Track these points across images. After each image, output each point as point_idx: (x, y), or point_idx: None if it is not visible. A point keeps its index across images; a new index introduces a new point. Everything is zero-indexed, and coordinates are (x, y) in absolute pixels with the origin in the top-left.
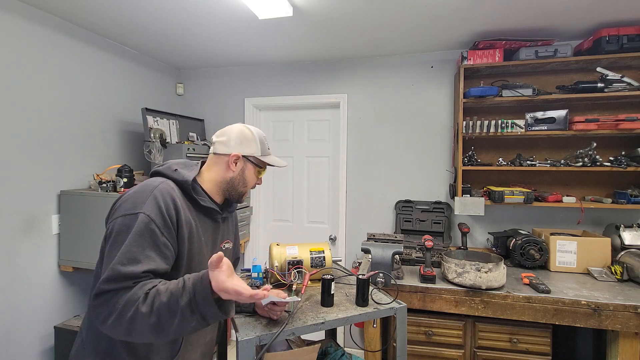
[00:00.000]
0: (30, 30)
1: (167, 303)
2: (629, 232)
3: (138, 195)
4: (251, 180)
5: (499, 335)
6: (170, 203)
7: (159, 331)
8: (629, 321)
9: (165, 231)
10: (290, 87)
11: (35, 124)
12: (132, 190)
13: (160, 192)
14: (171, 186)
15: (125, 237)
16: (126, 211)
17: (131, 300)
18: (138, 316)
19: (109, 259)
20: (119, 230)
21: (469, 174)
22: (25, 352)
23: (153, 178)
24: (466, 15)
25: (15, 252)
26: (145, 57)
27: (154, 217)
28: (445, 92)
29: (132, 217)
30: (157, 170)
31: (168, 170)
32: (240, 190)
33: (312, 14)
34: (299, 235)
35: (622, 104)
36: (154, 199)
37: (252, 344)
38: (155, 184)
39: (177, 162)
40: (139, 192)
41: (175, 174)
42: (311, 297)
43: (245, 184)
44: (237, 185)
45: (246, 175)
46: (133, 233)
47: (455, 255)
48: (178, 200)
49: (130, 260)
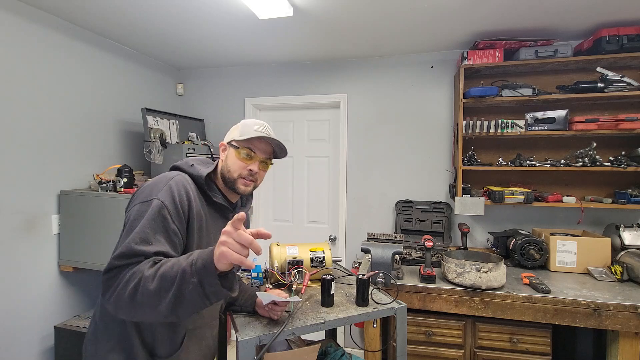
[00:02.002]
0: (31, 30)
1: (171, 267)
2: (629, 232)
3: (154, 185)
4: (234, 164)
5: (499, 335)
6: (184, 194)
7: (158, 300)
8: (629, 321)
9: (176, 219)
10: (290, 87)
11: (36, 124)
12: (150, 181)
13: (175, 183)
14: (186, 179)
15: (140, 221)
16: (143, 199)
17: (138, 270)
18: (141, 282)
19: (123, 240)
20: (135, 216)
21: (469, 174)
22: (25, 352)
23: (170, 171)
24: (466, 15)
25: (16, 252)
26: (145, 57)
27: (167, 204)
28: (445, 92)
29: (147, 204)
30: (175, 164)
31: (185, 165)
32: (227, 177)
33: (312, 14)
34: (299, 235)
35: (622, 104)
36: (168, 188)
37: (252, 344)
38: (171, 176)
39: (195, 159)
40: (156, 182)
41: (191, 169)
42: (311, 297)
43: (229, 169)
44: (225, 172)
45: (229, 160)
46: (147, 217)
47: (455, 255)
48: (191, 192)
49: (143, 240)
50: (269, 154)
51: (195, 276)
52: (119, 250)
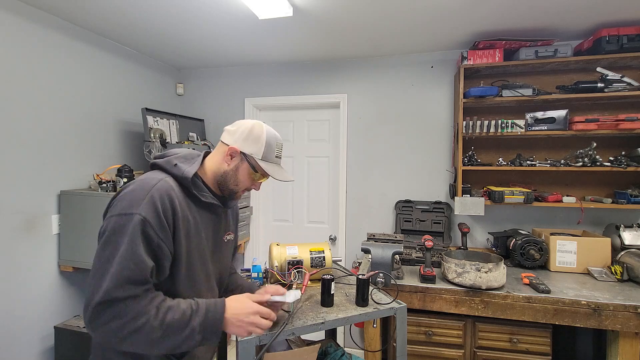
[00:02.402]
0: (31, 30)
1: (179, 320)
2: (629, 232)
3: (135, 194)
4: (244, 181)
5: (499, 335)
6: (168, 203)
7: (156, 345)
8: (629, 321)
9: (160, 232)
10: (290, 87)
11: (36, 124)
12: (129, 187)
13: (158, 192)
14: (170, 184)
15: (120, 238)
16: (122, 210)
17: (142, 313)
18: (146, 329)
19: (104, 259)
20: (113, 229)
21: (469, 174)
22: (25, 352)
23: (152, 174)
24: (466, 15)
25: (16, 252)
26: (145, 57)
27: (150, 218)
28: (445, 92)
29: (128, 217)
30: (157, 163)
31: (168, 165)
32: (231, 188)
33: (312, 14)
34: (299, 235)
35: (622, 104)
36: (150, 199)
37: (252, 344)
38: (153, 183)
39: (177, 156)
40: (136, 190)
41: (174, 170)
42: (311, 297)
43: (237, 183)
44: (229, 181)
45: (239, 174)
46: (130, 234)
47: (455, 255)
48: (176, 199)
49: (134, 264)
50: None
51: (201, 334)
52: (110, 281)
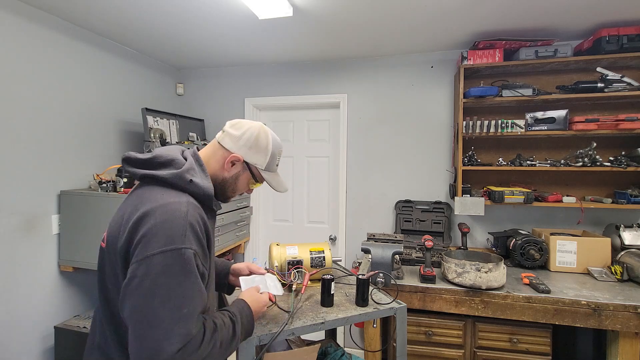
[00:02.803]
0: (31, 30)
1: (228, 333)
2: (629, 232)
3: (174, 226)
4: (241, 189)
5: (499, 335)
6: (203, 228)
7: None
8: (629, 321)
9: (204, 261)
10: (290, 87)
11: (36, 124)
12: (156, 218)
13: (195, 219)
14: (197, 206)
15: (175, 277)
16: (164, 247)
17: (208, 340)
18: (213, 352)
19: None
20: (160, 271)
21: (469, 174)
22: (26, 352)
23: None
24: (466, 15)
25: (16, 252)
26: (146, 57)
27: (198, 251)
28: (445, 92)
29: (177, 253)
30: (167, 180)
31: (181, 182)
32: (228, 194)
33: (312, 14)
34: (299, 235)
35: (622, 104)
36: (192, 230)
37: (252, 344)
38: (184, 209)
39: (186, 169)
40: (171, 220)
41: (192, 187)
42: (311, 297)
43: (235, 190)
44: (227, 189)
45: (239, 181)
46: (187, 271)
47: (455, 255)
48: (206, 219)
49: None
50: None
51: (242, 338)
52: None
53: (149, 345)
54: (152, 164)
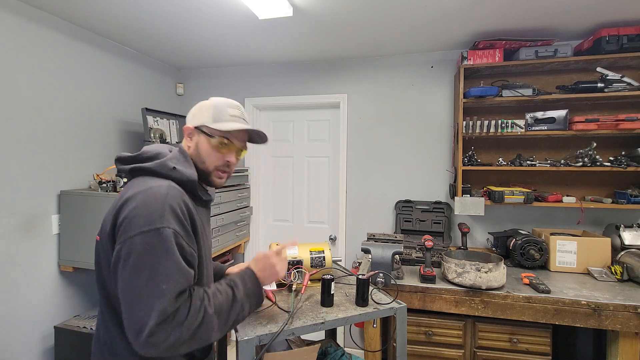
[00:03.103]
0: (31, 30)
1: (226, 300)
2: (629, 232)
3: (152, 207)
4: (209, 156)
5: (499, 335)
6: (185, 211)
7: (219, 330)
8: (629, 321)
9: (189, 241)
10: (290, 87)
11: (36, 124)
12: (136, 201)
13: (174, 200)
14: (179, 190)
15: (154, 257)
16: (145, 227)
17: (196, 310)
18: (205, 321)
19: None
20: (143, 249)
21: (469, 174)
22: (26, 352)
23: (152, 181)
24: (466, 15)
25: (16, 252)
26: (146, 57)
27: (179, 230)
28: (445, 92)
29: (156, 233)
30: (148, 168)
31: (164, 169)
32: (201, 168)
33: (312, 14)
34: (299, 235)
35: (622, 104)
36: (171, 210)
37: (252, 344)
38: (163, 191)
39: (169, 157)
40: (149, 203)
41: (175, 173)
42: (311, 297)
43: (203, 160)
44: (196, 162)
45: (200, 149)
46: (165, 250)
47: (455, 255)
48: (189, 203)
49: (182, 277)
50: (245, 141)
51: (247, 302)
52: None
53: (134, 321)
54: (140, 159)
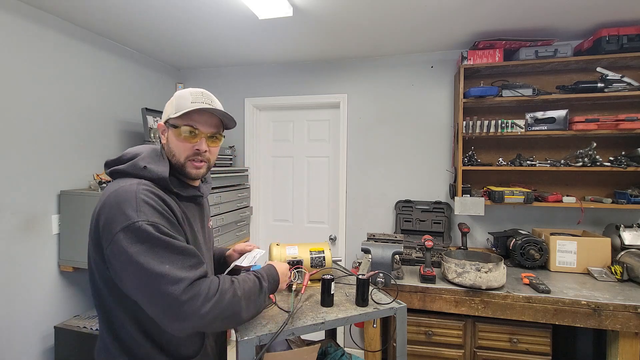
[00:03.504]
0: (31, 30)
1: (253, 287)
2: (629, 232)
3: (121, 206)
4: (177, 147)
5: (499, 335)
6: (160, 201)
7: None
8: (629, 321)
9: (172, 229)
10: (290, 87)
11: (35, 124)
12: (110, 202)
13: (147, 196)
14: (150, 185)
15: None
16: (122, 224)
17: (225, 290)
18: (235, 301)
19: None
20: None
21: (469, 174)
22: (26, 352)
23: (123, 182)
24: (466, 15)
25: (15, 252)
26: (145, 57)
27: (158, 221)
28: (445, 92)
29: (134, 227)
30: (121, 170)
31: (135, 169)
32: (174, 162)
33: (312, 14)
34: (299, 235)
35: (622, 104)
36: (146, 204)
37: (251, 344)
38: (133, 189)
39: (142, 157)
40: (121, 201)
41: (145, 172)
42: (311, 297)
43: (173, 153)
44: (171, 158)
45: (170, 142)
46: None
47: (455, 255)
48: (166, 198)
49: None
50: (216, 127)
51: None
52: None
53: (158, 303)
54: (121, 161)
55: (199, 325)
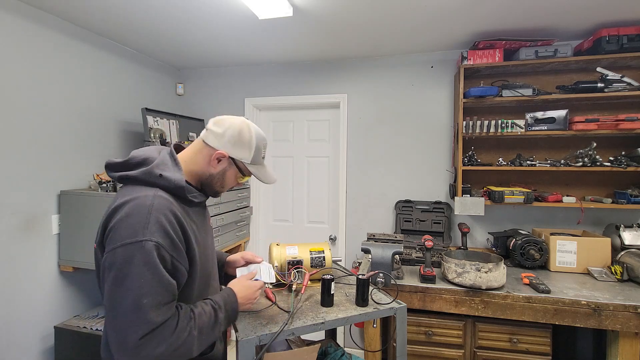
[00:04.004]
0: (31, 30)
1: (209, 321)
2: (629, 232)
3: (135, 220)
4: (230, 184)
5: (499, 335)
6: (174, 220)
7: (197, 349)
8: (629, 321)
9: (174, 253)
10: (290, 87)
11: (36, 124)
12: (123, 213)
13: (160, 211)
14: (166, 198)
15: (135, 268)
16: (127, 239)
17: (182, 329)
18: (188, 340)
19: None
20: (123, 261)
21: (469, 174)
22: (25, 352)
23: (138, 190)
24: (466, 15)
25: (16, 252)
26: (145, 57)
27: (162, 242)
28: (445, 92)
29: (137, 246)
30: (134, 177)
31: (151, 177)
32: (216, 190)
33: (312, 14)
34: (299, 235)
35: (622, 104)
36: (156, 222)
37: (252, 344)
38: (148, 202)
39: (156, 164)
40: (133, 214)
41: (162, 181)
42: (311, 297)
43: (223, 186)
44: (215, 184)
45: (227, 177)
46: (146, 263)
47: (455, 255)
48: (178, 212)
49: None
50: None
51: (225, 325)
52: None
53: (117, 334)
54: (129, 165)
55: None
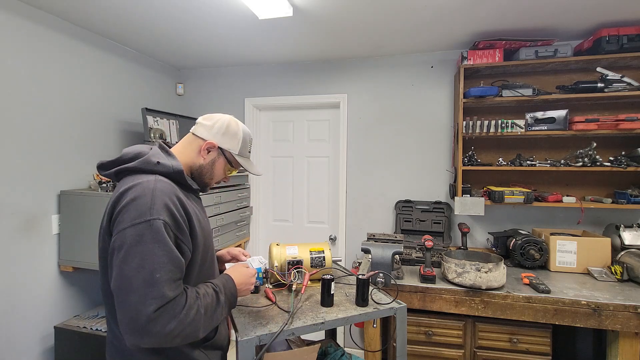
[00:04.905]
0: (31, 30)
1: (212, 302)
2: (629, 232)
3: (142, 201)
4: (218, 175)
5: (499, 335)
6: (177, 201)
7: (204, 329)
8: (629, 321)
9: (179, 233)
10: (290, 87)
11: (36, 124)
12: (128, 196)
13: (164, 193)
14: (167, 182)
15: (145, 246)
16: (136, 219)
17: (191, 305)
18: (197, 318)
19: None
20: (133, 240)
21: (469, 174)
22: (26, 352)
23: (140, 178)
24: (466, 15)
25: (15, 252)
26: (145, 57)
27: (169, 222)
28: (445, 92)
29: (146, 225)
30: (132, 167)
31: (148, 165)
32: (205, 181)
33: (312, 14)
34: (299, 235)
35: (622, 104)
36: (162, 202)
37: (252, 344)
38: (151, 185)
39: (152, 154)
40: (140, 196)
41: (160, 167)
42: (311, 297)
43: (212, 177)
44: (204, 174)
45: (215, 167)
46: (156, 240)
47: (455, 255)
48: (181, 195)
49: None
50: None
51: (227, 307)
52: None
53: (128, 310)
54: (122, 161)
55: (159, 342)
